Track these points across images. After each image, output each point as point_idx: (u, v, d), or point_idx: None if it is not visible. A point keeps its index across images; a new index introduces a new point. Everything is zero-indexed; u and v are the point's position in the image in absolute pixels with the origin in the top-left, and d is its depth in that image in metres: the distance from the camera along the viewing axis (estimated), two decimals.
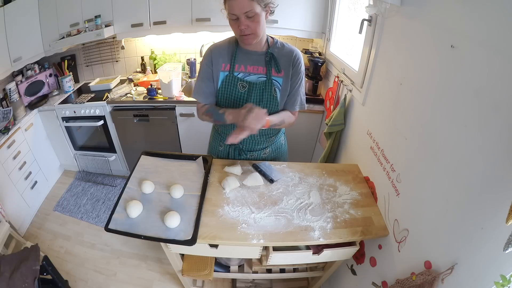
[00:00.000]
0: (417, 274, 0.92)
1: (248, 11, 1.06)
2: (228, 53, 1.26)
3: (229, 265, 1.62)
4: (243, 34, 1.13)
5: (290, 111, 1.35)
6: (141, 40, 2.73)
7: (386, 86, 1.30)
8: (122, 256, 2.12)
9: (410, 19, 1.10)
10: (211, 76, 1.28)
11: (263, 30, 1.16)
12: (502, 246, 0.64)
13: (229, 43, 1.28)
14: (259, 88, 1.26)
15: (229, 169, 1.35)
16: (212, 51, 1.27)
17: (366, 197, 1.30)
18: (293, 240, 1.09)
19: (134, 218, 1.10)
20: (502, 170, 0.69)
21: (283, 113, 1.32)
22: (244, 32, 1.12)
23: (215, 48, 1.28)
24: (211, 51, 1.27)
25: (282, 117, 1.31)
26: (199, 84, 1.31)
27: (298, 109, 1.35)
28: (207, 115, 1.30)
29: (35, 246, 1.48)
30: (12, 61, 2.19)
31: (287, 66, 1.26)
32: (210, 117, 1.30)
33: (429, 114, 0.97)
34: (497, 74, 0.72)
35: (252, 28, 1.11)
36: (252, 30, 1.12)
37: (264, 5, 1.09)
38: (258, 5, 1.07)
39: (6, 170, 2.09)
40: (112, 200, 2.61)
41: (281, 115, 1.30)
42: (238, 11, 1.06)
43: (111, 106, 2.41)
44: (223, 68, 1.27)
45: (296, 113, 1.38)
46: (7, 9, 2.08)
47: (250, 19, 1.09)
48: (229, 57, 1.26)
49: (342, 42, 2.10)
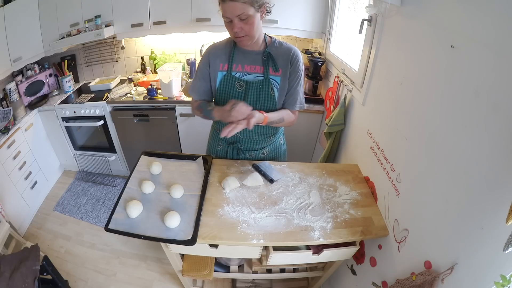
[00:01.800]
0: (417, 274, 0.92)
1: (241, 14, 1.06)
2: (226, 53, 1.27)
3: (229, 265, 1.62)
4: (237, 36, 1.14)
5: (290, 110, 1.35)
6: (141, 40, 2.73)
7: (386, 86, 1.30)
8: (122, 256, 2.12)
9: (410, 19, 1.10)
10: (207, 76, 1.30)
11: (258, 32, 1.16)
12: (502, 246, 0.64)
13: (227, 43, 1.29)
14: (256, 87, 1.26)
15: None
16: (210, 52, 1.29)
17: (366, 197, 1.30)
18: (293, 240, 1.09)
19: (134, 218, 1.10)
20: (502, 170, 0.69)
21: (282, 111, 1.32)
22: (238, 34, 1.13)
23: (213, 49, 1.30)
24: (208, 52, 1.29)
25: (282, 114, 1.30)
26: (195, 83, 1.35)
27: (297, 109, 1.35)
28: (198, 110, 1.35)
29: (35, 246, 1.48)
30: (12, 61, 2.19)
31: (285, 64, 1.26)
32: (201, 112, 1.34)
33: (429, 114, 0.97)
34: (497, 74, 0.72)
35: (245, 30, 1.11)
36: (246, 32, 1.12)
37: (258, 6, 1.08)
38: (251, 7, 1.06)
39: (6, 170, 2.09)
40: (112, 200, 2.61)
41: (280, 113, 1.30)
42: (230, 14, 1.07)
43: (111, 106, 2.41)
44: (221, 68, 1.28)
45: (296, 112, 1.38)
46: (7, 9, 2.08)
47: (243, 22, 1.09)
48: (227, 57, 1.27)
49: (342, 42, 2.10)
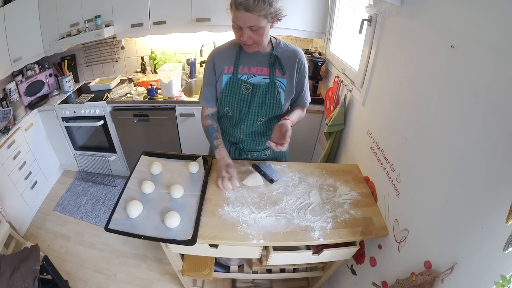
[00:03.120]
0: (417, 274, 0.92)
1: (253, 25, 1.04)
2: (231, 56, 1.25)
3: (229, 265, 1.62)
4: (245, 44, 1.12)
5: (302, 107, 1.40)
6: (141, 40, 2.73)
7: (386, 86, 1.30)
8: (122, 256, 2.12)
9: (410, 19, 1.10)
10: (213, 81, 1.29)
11: (266, 39, 1.16)
12: (502, 246, 0.64)
13: (230, 45, 1.27)
14: (263, 90, 1.25)
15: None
16: (214, 56, 1.27)
17: (366, 197, 1.30)
18: (293, 240, 1.09)
19: (134, 218, 1.10)
20: (502, 170, 0.69)
21: (298, 111, 1.36)
22: (246, 42, 1.11)
23: (217, 53, 1.27)
24: (213, 57, 1.27)
25: (299, 114, 1.36)
26: (203, 89, 1.35)
27: (308, 105, 1.41)
28: (205, 130, 1.38)
29: (35, 246, 1.48)
30: (12, 61, 2.19)
31: (292, 67, 1.25)
32: (207, 135, 1.38)
33: (429, 114, 0.97)
34: (497, 74, 0.72)
35: (254, 39, 1.10)
36: (255, 41, 1.11)
37: (271, 17, 1.06)
38: (264, 19, 1.04)
39: (6, 170, 2.09)
40: (112, 200, 2.61)
41: (297, 113, 1.35)
42: (242, 24, 1.05)
43: (111, 106, 2.41)
44: (226, 71, 1.26)
45: (305, 108, 1.43)
46: (7, 9, 2.08)
47: (254, 32, 1.07)
48: (232, 59, 1.25)
49: (342, 42, 2.10)
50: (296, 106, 1.39)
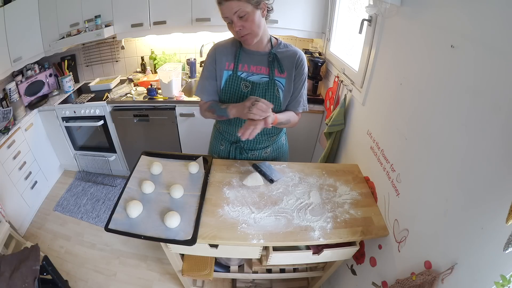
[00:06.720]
0: (417, 274, 0.92)
1: (238, 10, 1.06)
2: (232, 52, 1.26)
3: (229, 265, 1.62)
4: (241, 35, 1.13)
5: (294, 112, 1.36)
6: (141, 40, 2.73)
7: (386, 86, 1.30)
8: (122, 256, 2.12)
9: (410, 19, 1.10)
10: (214, 74, 1.29)
11: (261, 29, 1.16)
12: (502, 246, 0.64)
13: (232, 42, 1.27)
14: (262, 88, 1.26)
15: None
16: (216, 49, 1.27)
17: (366, 197, 1.30)
18: (293, 240, 1.09)
19: (134, 218, 1.10)
20: (502, 170, 0.69)
21: (288, 112, 1.33)
22: (241, 33, 1.12)
23: (219, 47, 1.28)
24: (215, 50, 1.27)
25: (288, 116, 1.31)
26: (203, 83, 1.32)
27: (301, 111, 1.36)
28: (210, 111, 1.31)
29: (35, 246, 1.48)
30: (12, 61, 2.19)
31: (290, 67, 1.25)
32: (213, 113, 1.29)
33: (429, 114, 0.97)
34: (497, 74, 0.72)
35: (247, 28, 1.11)
36: (248, 30, 1.11)
37: (255, 3, 1.07)
38: (248, 4, 1.06)
39: (6, 170, 2.09)
40: (112, 200, 2.61)
41: (287, 114, 1.31)
42: (228, 14, 1.07)
43: (111, 106, 2.41)
44: (226, 67, 1.27)
45: (299, 114, 1.38)
46: (7, 9, 2.08)
47: (243, 19, 1.08)
48: (233, 56, 1.26)
49: (342, 42, 2.10)
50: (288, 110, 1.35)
